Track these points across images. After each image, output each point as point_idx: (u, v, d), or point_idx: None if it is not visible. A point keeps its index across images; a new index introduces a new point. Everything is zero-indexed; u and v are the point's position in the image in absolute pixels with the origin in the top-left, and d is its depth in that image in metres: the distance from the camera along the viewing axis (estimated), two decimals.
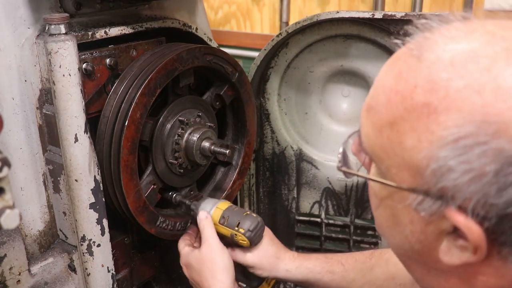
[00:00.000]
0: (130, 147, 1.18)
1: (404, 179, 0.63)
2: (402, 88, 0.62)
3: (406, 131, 0.61)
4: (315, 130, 1.83)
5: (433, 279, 0.71)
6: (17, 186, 1.15)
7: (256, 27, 2.89)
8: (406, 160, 0.62)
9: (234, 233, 1.24)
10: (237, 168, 1.55)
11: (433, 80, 0.60)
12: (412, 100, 0.61)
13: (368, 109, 0.69)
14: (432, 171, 0.59)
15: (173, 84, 1.32)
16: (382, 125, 0.65)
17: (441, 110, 0.58)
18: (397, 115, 0.62)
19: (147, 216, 1.28)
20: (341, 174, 1.86)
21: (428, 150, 0.59)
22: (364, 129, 0.70)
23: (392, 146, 0.64)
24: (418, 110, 0.60)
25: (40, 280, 1.19)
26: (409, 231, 0.67)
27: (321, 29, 1.62)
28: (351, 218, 1.84)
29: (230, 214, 1.26)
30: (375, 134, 0.67)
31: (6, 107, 1.11)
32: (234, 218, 1.25)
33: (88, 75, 1.15)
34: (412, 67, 0.63)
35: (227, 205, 1.30)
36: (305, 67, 1.73)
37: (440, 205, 0.60)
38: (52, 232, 1.25)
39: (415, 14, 1.45)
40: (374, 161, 0.69)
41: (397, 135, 0.63)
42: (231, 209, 1.28)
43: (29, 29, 1.12)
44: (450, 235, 0.63)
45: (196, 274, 1.23)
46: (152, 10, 1.39)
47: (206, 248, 1.22)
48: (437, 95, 0.59)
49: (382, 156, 0.66)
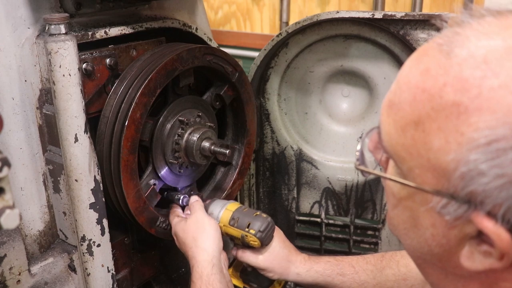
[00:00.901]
0: (130, 147, 1.18)
1: (428, 181, 0.60)
2: (430, 86, 0.59)
3: (433, 131, 0.58)
4: (315, 130, 1.83)
5: (450, 284, 0.69)
6: (17, 186, 1.15)
7: (256, 27, 2.89)
8: (432, 161, 0.59)
9: (245, 234, 1.23)
10: (237, 168, 1.55)
11: (465, 78, 0.56)
12: (441, 99, 0.57)
13: (390, 105, 0.65)
14: (460, 174, 0.56)
15: (173, 84, 1.32)
16: (406, 123, 0.61)
17: (473, 111, 0.55)
18: (424, 114, 0.59)
19: (147, 216, 1.28)
20: (341, 174, 1.86)
21: (457, 153, 0.56)
22: (385, 127, 0.66)
23: (417, 146, 0.60)
24: (447, 110, 0.57)
25: (40, 280, 1.19)
26: (429, 234, 0.64)
27: (321, 29, 1.62)
28: (351, 218, 1.84)
29: (240, 215, 1.26)
30: (397, 133, 0.63)
31: (6, 107, 1.11)
32: (244, 219, 1.25)
33: (88, 75, 1.15)
34: (441, 63, 0.59)
35: (237, 206, 1.30)
36: (305, 67, 1.73)
37: (467, 209, 0.57)
38: (52, 232, 1.25)
39: (415, 14, 1.45)
40: (394, 160, 0.66)
41: (423, 135, 0.59)
42: (240, 210, 1.28)
43: (29, 29, 1.12)
44: (473, 240, 0.60)
45: (182, 243, 1.24)
46: (152, 10, 1.39)
47: (192, 219, 1.25)
48: (469, 94, 0.55)
49: (405, 156, 0.63)
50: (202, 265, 1.14)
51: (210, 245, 1.18)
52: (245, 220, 1.24)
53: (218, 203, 1.32)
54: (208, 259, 1.15)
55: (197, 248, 1.18)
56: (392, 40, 1.56)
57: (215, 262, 1.15)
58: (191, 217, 1.26)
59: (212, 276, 1.12)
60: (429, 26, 1.47)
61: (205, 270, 1.13)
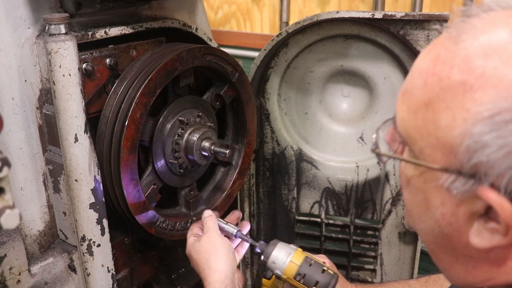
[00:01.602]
0: (130, 147, 1.18)
1: (437, 159, 0.64)
2: (439, 70, 0.64)
3: (441, 110, 0.63)
4: (315, 130, 1.83)
5: (461, 267, 0.72)
6: (17, 186, 1.15)
7: (256, 27, 2.89)
8: (440, 139, 0.63)
9: None
10: (237, 168, 1.55)
11: (471, 60, 0.61)
12: (449, 80, 0.62)
13: (403, 93, 0.71)
14: (466, 147, 0.60)
15: (173, 84, 1.32)
16: (418, 106, 0.66)
17: (477, 88, 0.59)
18: (433, 96, 0.64)
19: (147, 216, 1.27)
20: (341, 174, 1.86)
21: (463, 127, 0.60)
22: (399, 113, 0.71)
23: (427, 126, 0.65)
24: (454, 89, 0.61)
25: (40, 280, 1.19)
26: (440, 213, 0.68)
27: (321, 29, 1.62)
28: (351, 218, 1.84)
29: (306, 272, 1.19)
30: (410, 116, 0.68)
31: (6, 107, 1.11)
32: (312, 276, 1.19)
33: (88, 75, 1.15)
34: (450, 49, 0.64)
35: (302, 257, 1.22)
36: (305, 67, 1.73)
37: (473, 184, 0.61)
38: (52, 232, 1.25)
39: (415, 14, 1.45)
40: (407, 144, 0.70)
41: (432, 115, 0.64)
42: (306, 264, 1.20)
43: (29, 29, 1.12)
44: (481, 218, 0.64)
45: (195, 264, 1.24)
46: (152, 10, 1.39)
47: (204, 239, 1.24)
48: (474, 73, 0.60)
49: (416, 137, 0.67)
50: (213, 286, 1.15)
51: (223, 266, 1.18)
52: (313, 278, 1.18)
53: (281, 250, 1.23)
54: (220, 280, 1.15)
55: (209, 269, 1.18)
56: (392, 40, 1.56)
57: (228, 283, 1.15)
58: (204, 237, 1.25)
59: None
60: (429, 26, 1.47)
61: None
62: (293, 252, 1.23)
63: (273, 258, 1.22)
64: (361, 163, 1.78)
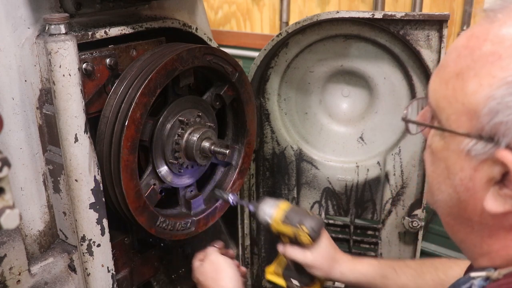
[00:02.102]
0: (130, 147, 1.18)
1: (462, 125, 0.71)
2: (473, 44, 0.70)
3: (470, 78, 0.69)
4: (315, 130, 1.83)
5: (477, 237, 0.77)
6: (17, 186, 1.15)
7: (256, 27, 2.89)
8: (466, 104, 0.69)
9: (298, 232, 1.28)
10: (237, 168, 1.55)
11: (502, 34, 0.68)
12: (480, 51, 0.69)
13: (438, 68, 0.78)
14: (488, 109, 0.66)
15: (173, 84, 1.32)
16: (450, 77, 0.73)
17: (506, 57, 0.66)
18: (464, 66, 0.70)
19: (147, 216, 1.27)
20: (341, 174, 1.87)
21: (487, 91, 0.66)
22: (432, 85, 0.78)
23: (455, 94, 0.71)
24: (484, 59, 0.68)
25: (40, 280, 1.19)
26: (458, 179, 0.73)
27: (321, 29, 1.62)
28: (351, 218, 1.84)
29: (293, 214, 1.30)
30: (441, 87, 0.75)
31: (6, 107, 1.11)
32: (297, 217, 1.29)
33: (88, 75, 1.15)
34: (485, 27, 0.71)
35: (289, 205, 1.34)
36: (305, 67, 1.73)
37: (492, 146, 0.67)
38: (52, 232, 1.25)
39: (415, 14, 1.45)
40: (436, 113, 0.76)
41: (461, 83, 0.70)
42: (293, 209, 1.32)
43: (29, 29, 1.12)
44: (496, 185, 0.70)
45: (202, 286, 1.31)
46: (152, 10, 1.39)
47: (207, 262, 1.32)
48: (503, 45, 0.67)
49: (445, 105, 0.73)
50: None
51: (230, 282, 1.25)
52: (298, 219, 1.29)
53: (269, 201, 1.35)
54: None
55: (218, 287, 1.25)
56: (392, 40, 1.56)
57: None
58: (206, 261, 1.33)
59: None
60: (429, 26, 1.47)
61: None
62: (280, 202, 1.35)
63: (263, 209, 1.34)
64: (361, 163, 1.78)
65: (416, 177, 1.71)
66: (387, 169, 1.74)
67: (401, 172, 1.73)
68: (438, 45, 1.48)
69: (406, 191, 1.74)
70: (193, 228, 1.42)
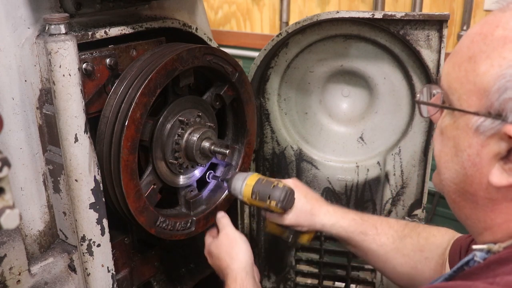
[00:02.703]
0: (130, 147, 1.18)
1: (472, 104, 0.76)
2: (486, 30, 0.76)
3: (482, 60, 0.74)
4: (315, 130, 1.83)
5: (480, 212, 0.81)
6: (17, 186, 1.15)
7: (256, 27, 2.89)
8: (477, 84, 0.75)
9: (268, 206, 1.32)
10: (237, 168, 1.55)
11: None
12: (492, 36, 0.75)
13: (452, 54, 0.83)
14: (497, 87, 0.72)
15: (173, 84, 1.32)
16: (462, 61, 0.78)
17: None
18: (477, 50, 0.76)
19: (147, 216, 1.27)
20: (341, 174, 1.87)
21: (497, 71, 0.72)
22: (445, 69, 0.83)
23: (467, 75, 0.77)
24: (495, 42, 0.74)
25: (40, 280, 1.19)
26: (466, 155, 0.78)
27: (321, 29, 1.62)
28: None
29: (259, 189, 1.34)
30: (454, 70, 0.80)
31: (6, 107, 1.11)
32: (264, 192, 1.33)
33: (88, 75, 1.15)
34: (498, 16, 0.76)
35: (256, 179, 1.36)
36: (305, 67, 1.73)
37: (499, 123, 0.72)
38: (52, 232, 1.25)
39: (415, 14, 1.45)
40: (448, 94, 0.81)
41: (474, 65, 0.76)
42: (259, 183, 1.35)
43: (29, 29, 1.12)
44: (501, 160, 0.75)
45: (216, 259, 1.33)
46: (152, 10, 1.39)
47: (223, 236, 1.34)
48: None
49: (456, 86, 0.79)
50: (236, 271, 1.25)
51: (244, 257, 1.28)
52: (265, 193, 1.32)
53: (239, 177, 1.38)
54: (241, 267, 1.26)
55: (232, 259, 1.28)
56: (392, 40, 1.56)
57: (248, 270, 1.26)
58: (222, 233, 1.35)
59: (246, 280, 1.23)
60: (429, 26, 1.47)
61: (239, 275, 1.24)
62: (248, 176, 1.37)
63: (233, 186, 1.38)
64: (361, 163, 1.78)
65: (416, 177, 1.71)
66: (387, 169, 1.74)
67: (401, 172, 1.73)
68: (438, 45, 1.48)
69: (406, 191, 1.74)
70: (193, 228, 1.43)
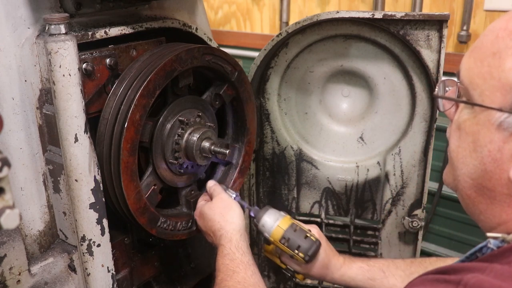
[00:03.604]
0: (130, 149, 1.17)
1: (495, 100, 0.75)
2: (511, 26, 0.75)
3: (508, 56, 0.74)
4: (315, 130, 1.83)
5: (497, 207, 0.81)
6: (17, 186, 1.15)
7: (256, 27, 2.89)
8: (502, 80, 0.74)
9: (294, 255, 1.31)
10: (238, 167, 1.55)
11: None
12: None
13: (472, 49, 0.82)
14: None
15: (173, 85, 1.32)
16: (485, 56, 0.77)
17: None
18: (502, 46, 0.75)
19: (148, 217, 1.27)
20: (341, 174, 1.87)
21: None
22: (465, 64, 0.83)
23: (491, 71, 0.76)
24: None
25: (40, 280, 1.19)
26: (487, 151, 0.78)
27: (321, 29, 1.62)
28: (351, 218, 1.84)
29: (291, 236, 1.31)
30: (476, 65, 0.79)
31: (6, 107, 1.11)
32: (295, 240, 1.31)
33: (88, 75, 1.15)
34: None
35: (289, 223, 1.34)
36: (305, 67, 1.73)
37: None
38: (52, 232, 1.25)
39: (415, 14, 1.45)
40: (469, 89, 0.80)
41: (498, 61, 0.75)
42: (292, 230, 1.32)
43: (29, 29, 1.12)
44: None
45: (208, 220, 1.32)
46: (152, 10, 1.39)
47: (217, 199, 1.34)
48: None
49: (479, 82, 0.78)
50: (231, 233, 1.25)
51: (238, 221, 1.29)
52: (295, 242, 1.30)
53: (271, 215, 1.35)
54: (236, 229, 1.26)
55: (225, 222, 1.28)
56: (392, 40, 1.56)
57: (242, 233, 1.27)
58: (216, 198, 1.35)
59: (241, 242, 1.24)
60: (429, 26, 1.47)
61: (234, 236, 1.24)
62: (281, 218, 1.35)
63: (263, 222, 1.35)
64: (361, 163, 1.78)
65: (416, 177, 1.71)
66: (387, 169, 1.74)
67: (401, 172, 1.73)
68: (438, 45, 1.48)
69: (406, 191, 1.74)
70: (194, 227, 1.42)
